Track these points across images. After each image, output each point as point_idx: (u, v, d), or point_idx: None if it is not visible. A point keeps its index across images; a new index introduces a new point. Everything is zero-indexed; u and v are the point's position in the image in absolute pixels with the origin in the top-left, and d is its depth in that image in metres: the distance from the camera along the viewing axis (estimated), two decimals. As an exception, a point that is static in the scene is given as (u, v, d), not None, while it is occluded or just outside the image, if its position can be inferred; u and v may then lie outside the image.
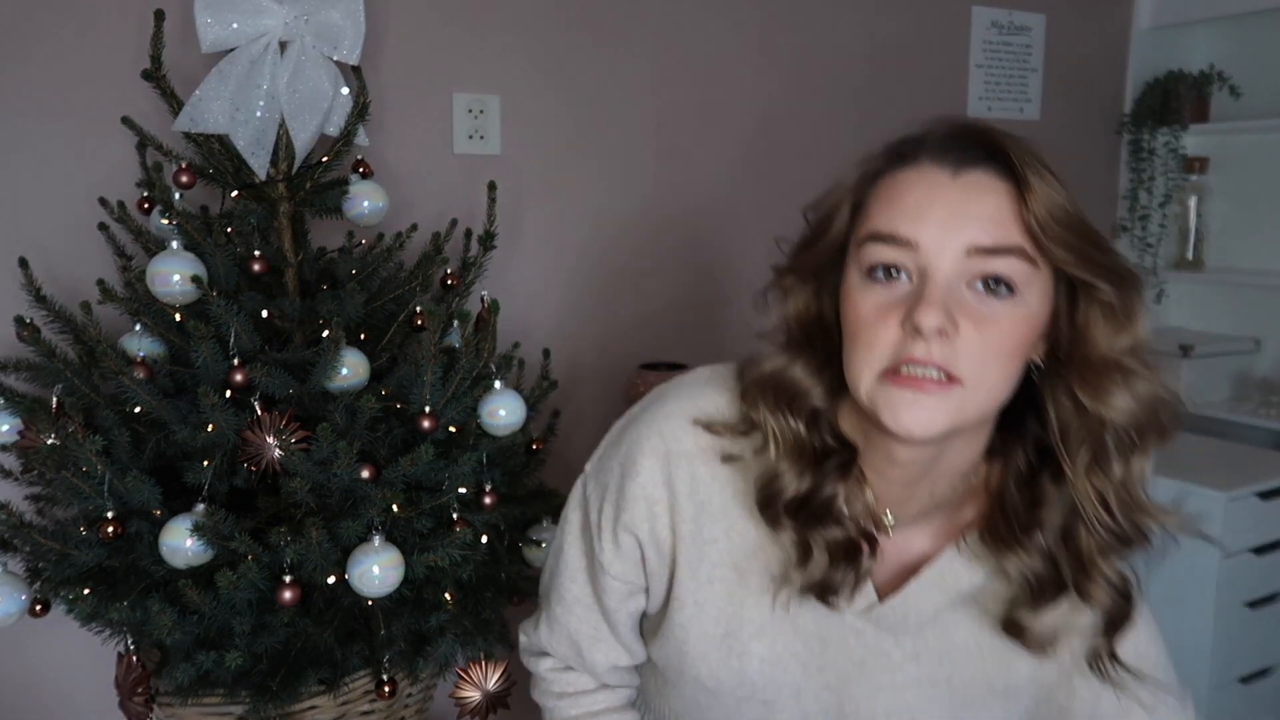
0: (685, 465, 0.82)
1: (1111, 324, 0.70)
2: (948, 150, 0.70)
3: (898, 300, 0.69)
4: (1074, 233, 0.69)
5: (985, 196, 0.69)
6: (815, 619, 0.82)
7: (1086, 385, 0.71)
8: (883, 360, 0.69)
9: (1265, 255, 2.44)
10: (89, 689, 1.43)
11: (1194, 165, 2.44)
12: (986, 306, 0.69)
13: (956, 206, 0.69)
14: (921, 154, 0.71)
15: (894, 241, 0.69)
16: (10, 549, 1.18)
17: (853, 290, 0.72)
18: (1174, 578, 2.06)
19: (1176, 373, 2.38)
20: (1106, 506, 0.73)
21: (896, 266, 0.70)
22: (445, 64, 1.61)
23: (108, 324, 1.24)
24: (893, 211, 0.70)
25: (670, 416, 0.84)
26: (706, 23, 1.83)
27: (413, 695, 1.33)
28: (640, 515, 0.83)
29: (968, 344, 0.68)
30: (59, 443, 1.07)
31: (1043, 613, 0.77)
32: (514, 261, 1.69)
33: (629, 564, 0.86)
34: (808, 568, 0.78)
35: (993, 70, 2.25)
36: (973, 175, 0.69)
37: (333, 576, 1.12)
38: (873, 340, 0.70)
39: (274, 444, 1.11)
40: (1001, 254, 0.68)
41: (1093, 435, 0.72)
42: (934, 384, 0.68)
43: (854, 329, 0.72)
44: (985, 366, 0.69)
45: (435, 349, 1.17)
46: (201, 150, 1.29)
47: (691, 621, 0.84)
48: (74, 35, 1.35)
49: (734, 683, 0.85)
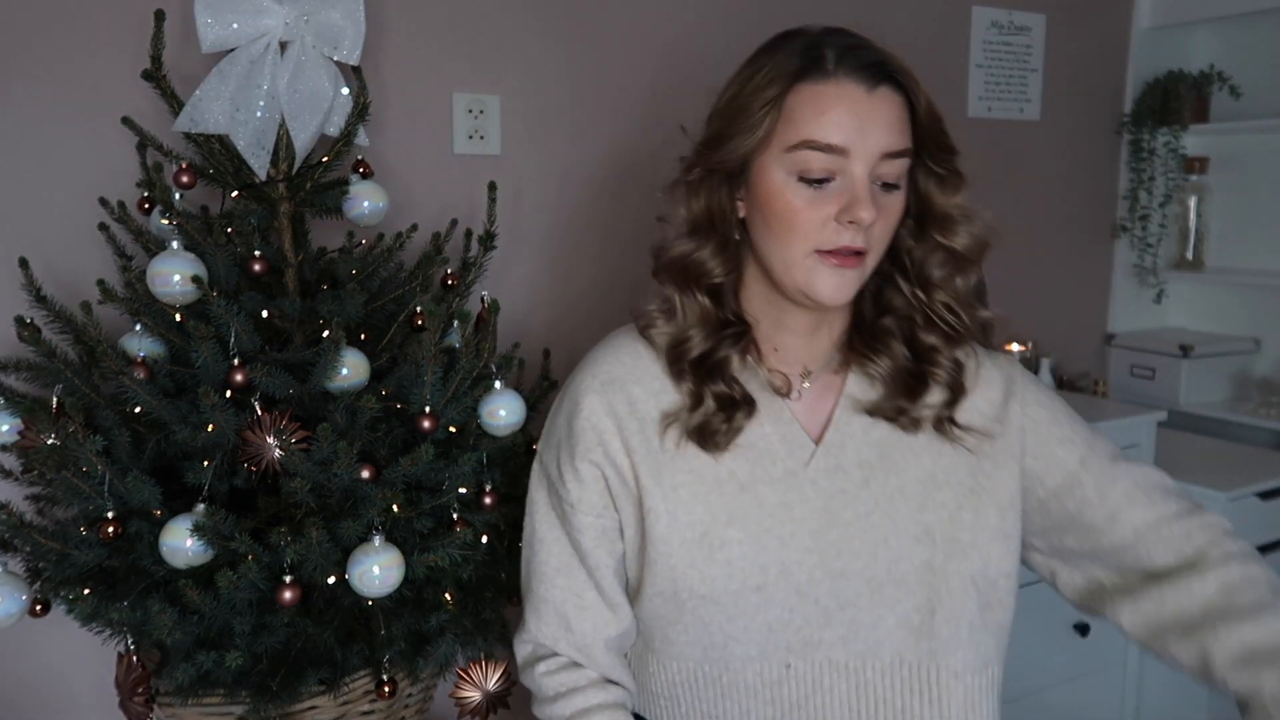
0: (620, 390, 0.96)
1: (946, 187, 0.92)
2: (863, 69, 0.86)
3: (828, 196, 0.86)
4: (935, 127, 0.89)
5: (891, 109, 0.86)
6: (774, 491, 0.94)
7: (936, 228, 0.93)
8: (815, 244, 0.87)
9: (1265, 255, 2.44)
10: (89, 689, 1.43)
11: (1194, 165, 2.44)
12: (884, 198, 0.88)
13: (873, 119, 0.85)
14: (840, 71, 0.86)
15: (830, 151, 0.85)
16: (10, 549, 1.18)
17: (782, 186, 0.87)
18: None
19: (1177, 375, 2.39)
20: (951, 310, 0.95)
21: (831, 174, 0.86)
22: (445, 64, 1.62)
23: (108, 324, 1.24)
24: (824, 122, 0.85)
25: (596, 360, 0.99)
26: (707, 23, 1.84)
27: (413, 695, 1.33)
28: (591, 442, 0.95)
29: (875, 228, 0.87)
30: (59, 443, 1.07)
31: (919, 403, 0.96)
32: (514, 261, 1.69)
33: (595, 492, 0.96)
34: (695, 414, 0.93)
35: (993, 70, 2.25)
36: (882, 90, 0.86)
37: (333, 576, 1.12)
38: (808, 230, 0.87)
39: (274, 444, 1.11)
40: (898, 156, 0.87)
41: (944, 262, 0.94)
42: (853, 260, 0.88)
43: (787, 218, 0.87)
44: (882, 241, 0.90)
45: (435, 349, 1.17)
46: (202, 150, 1.29)
47: (670, 531, 0.93)
48: (74, 35, 1.35)
49: (725, 578, 0.92)
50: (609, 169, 1.79)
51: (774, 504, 0.94)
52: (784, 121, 0.87)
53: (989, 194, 0.96)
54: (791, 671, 0.94)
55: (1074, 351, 2.51)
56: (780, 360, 0.98)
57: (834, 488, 0.95)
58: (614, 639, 0.99)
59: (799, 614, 0.93)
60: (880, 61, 0.86)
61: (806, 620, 0.93)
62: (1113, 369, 2.55)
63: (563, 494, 0.97)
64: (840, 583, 0.93)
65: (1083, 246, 2.50)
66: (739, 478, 0.94)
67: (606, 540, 0.97)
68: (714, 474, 0.94)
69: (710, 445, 0.93)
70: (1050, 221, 2.42)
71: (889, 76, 0.86)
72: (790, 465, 0.95)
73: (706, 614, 0.93)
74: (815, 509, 0.94)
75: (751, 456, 0.95)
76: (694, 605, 0.93)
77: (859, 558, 0.93)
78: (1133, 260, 2.51)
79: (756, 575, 0.92)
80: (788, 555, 0.92)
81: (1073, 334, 2.51)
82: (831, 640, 0.94)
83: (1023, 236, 2.37)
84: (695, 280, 0.94)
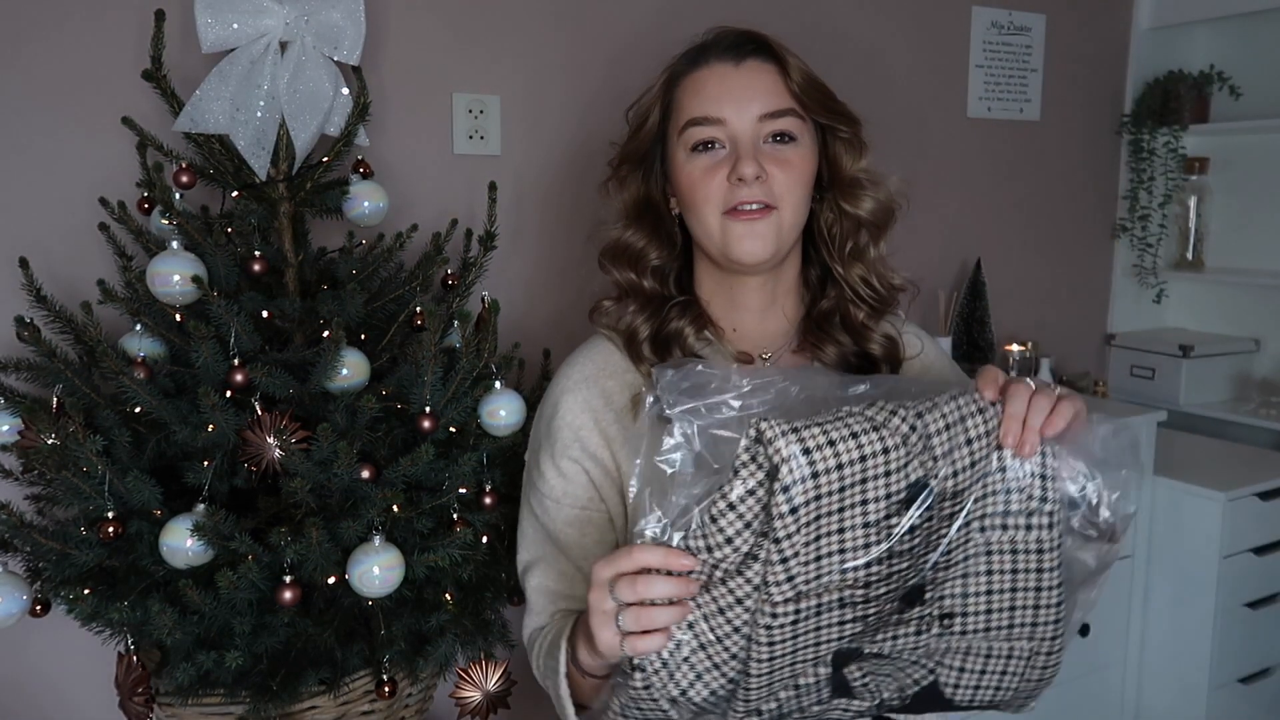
0: (594, 385, 1.00)
1: (851, 152, 1.00)
2: (729, 48, 0.97)
3: (719, 162, 0.95)
4: (818, 92, 0.97)
5: (762, 77, 0.96)
6: None
7: (844, 195, 1.00)
8: (720, 205, 0.95)
9: (1265, 255, 2.44)
10: (89, 689, 1.43)
11: (1194, 165, 2.44)
12: (780, 152, 0.95)
13: (744, 87, 0.95)
14: (710, 56, 0.97)
15: (707, 122, 0.95)
16: (10, 549, 1.18)
17: (683, 164, 0.97)
18: (1174, 578, 2.07)
19: (1177, 375, 2.39)
20: (868, 283, 1.02)
21: (713, 140, 0.95)
22: (445, 64, 1.61)
23: (108, 324, 1.24)
24: (700, 100, 0.96)
25: (570, 363, 1.04)
26: (707, 23, 1.83)
27: (413, 695, 1.33)
28: (569, 440, 0.99)
29: (775, 180, 0.94)
30: (59, 443, 1.07)
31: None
32: (514, 261, 1.69)
33: (580, 485, 0.99)
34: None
35: (993, 70, 2.25)
36: (750, 62, 0.96)
37: (333, 576, 1.12)
38: (709, 193, 0.95)
39: (274, 444, 1.11)
40: (780, 115, 0.95)
41: (853, 232, 1.01)
42: (760, 213, 0.94)
43: (691, 189, 0.96)
44: (791, 190, 0.95)
45: (435, 349, 1.17)
46: (202, 150, 1.29)
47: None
48: (74, 35, 1.35)
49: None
50: (609, 169, 1.78)
51: None
52: (675, 110, 0.98)
53: (989, 194, 0.96)
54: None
55: (1074, 351, 2.51)
56: (739, 340, 1.04)
57: None
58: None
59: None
60: (747, 38, 0.97)
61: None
62: (1113, 369, 2.55)
63: (544, 490, 1.01)
64: None
65: (1083, 246, 2.50)
66: None
67: (595, 530, 1.00)
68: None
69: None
70: (1050, 221, 2.42)
71: (756, 50, 0.96)
72: None
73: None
74: None
75: None
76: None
77: None
78: (1133, 260, 2.51)
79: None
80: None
81: (1073, 334, 2.51)
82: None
83: (1022, 237, 2.37)
84: (635, 263, 1.02)
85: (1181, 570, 2.04)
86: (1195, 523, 2.01)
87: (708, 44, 0.99)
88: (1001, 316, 2.29)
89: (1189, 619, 2.03)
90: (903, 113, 2.10)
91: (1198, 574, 2.01)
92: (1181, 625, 2.05)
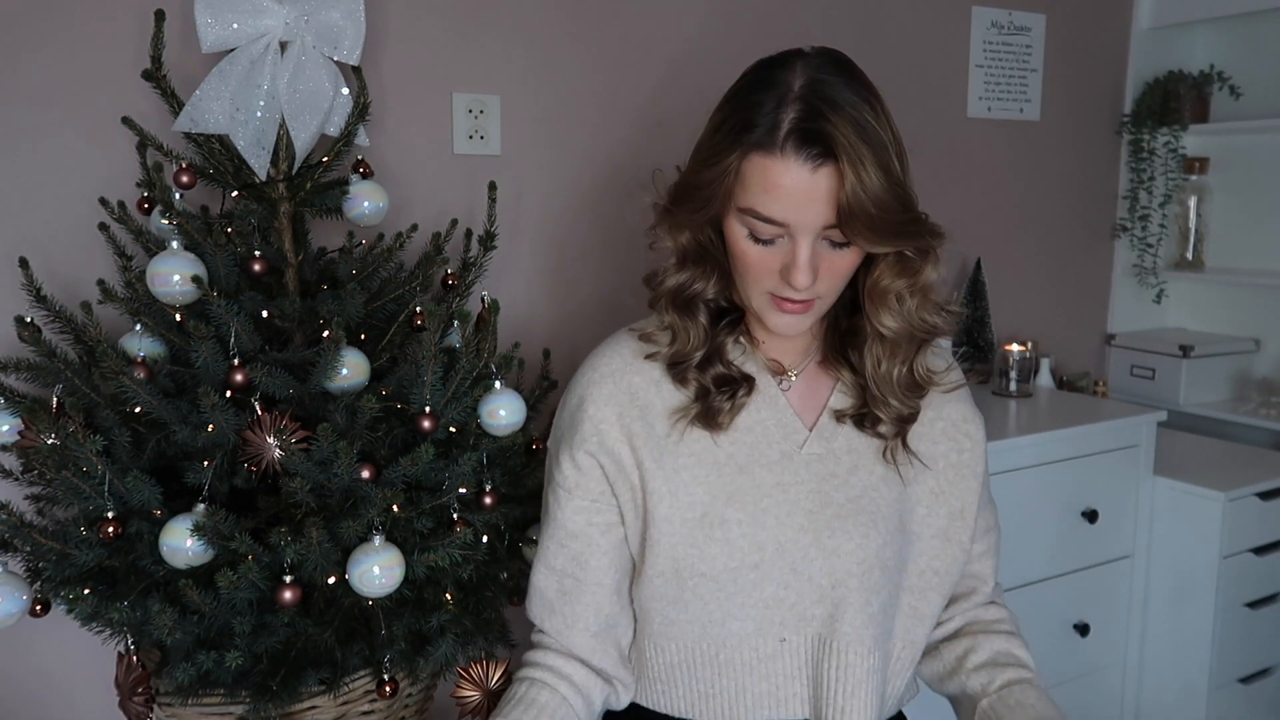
0: (620, 380, 1.02)
1: (896, 269, 0.97)
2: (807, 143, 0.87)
3: (775, 253, 0.93)
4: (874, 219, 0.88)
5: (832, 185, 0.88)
6: (770, 473, 1.01)
7: (869, 302, 0.99)
8: (767, 288, 0.95)
9: (1265, 255, 2.44)
10: (89, 689, 1.43)
11: (1194, 165, 2.44)
12: (832, 255, 0.93)
13: (813, 195, 0.88)
14: (787, 147, 0.88)
15: (771, 222, 0.91)
16: (10, 549, 1.18)
17: (739, 239, 0.94)
18: (1174, 578, 2.07)
19: (1177, 375, 2.39)
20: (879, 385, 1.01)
21: (773, 234, 0.92)
22: (445, 64, 1.61)
23: (108, 324, 1.24)
24: (769, 198, 0.90)
25: (597, 355, 1.06)
26: (707, 23, 1.84)
27: (413, 695, 1.33)
28: (589, 433, 1.00)
29: (821, 281, 0.93)
30: (59, 443, 1.07)
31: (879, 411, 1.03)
32: (514, 261, 1.69)
33: (593, 480, 1.01)
34: (701, 403, 1.01)
35: (993, 70, 2.25)
36: (823, 169, 0.88)
37: (333, 576, 1.12)
38: (759, 277, 0.95)
39: (274, 444, 1.11)
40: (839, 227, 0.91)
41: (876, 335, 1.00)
42: (802, 306, 0.95)
43: (743, 265, 0.95)
44: (833, 289, 0.96)
45: (435, 349, 1.17)
46: (202, 150, 1.29)
47: (672, 511, 0.99)
48: (74, 35, 1.35)
49: (724, 556, 0.98)
50: (609, 169, 1.79)
51: (770, 484, 1.00)
52: (739, 184, 0.92)
53: (989, 194, 0.97)
54: (786, 646, 1.01)
55: (1074, 351, 2.51)
56: (769, 350, 1.06)
57: (825, 470, 1.02)
58: (599, 623, 1.04)
59: (793, 590, 0.99)
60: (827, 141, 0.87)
61: (800, 596, 0.99)
62: (1113, 369, 2.55)
63: (559, 480, 1.03)
64: (833, 561, 0.99)
65: (1083, 246, 2.50)
66: (737, 460, 1.01)
67: (600, 525, 1.03)
68: (713, 457, 1.00)
69: (713, 425, 1.00)
70: (1050, 221, 2.42)
71: (834, 159, 0.87)
72: (785, 448, 1.02)
73: (706, 591, 0.99)
74: (809, 490, 1.01)
75: (749, 440, 1.01)
76: (694, 583, 0.98)
77: (851, 538, 0.99)
78: (1133, 260, 2.51)
79: (754, 553, 0.98)
80: (783, 534, 0.99)
81: (1073, 334, 2.51)
82: (822, 616, 1.00)
83: (1022, 236, 2.37)
84: (693, 304, 1.02)
85: (1181, 570, 2.04)
86: (1195, 523, 2.00)
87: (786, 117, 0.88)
88: (1001, 316, 2.29)
89: (1189, 619, 2.03)
90: (903, 112, 2.09)
91: (1198, 574, 2.01)
92: (1181, 625, 2.05)
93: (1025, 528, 1.87)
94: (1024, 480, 1.86)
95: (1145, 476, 2.04)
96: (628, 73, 1.78)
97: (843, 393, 1.06)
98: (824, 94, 0.88)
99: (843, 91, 0.89)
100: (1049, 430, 1.89)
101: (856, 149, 0.86)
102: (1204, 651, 2.02)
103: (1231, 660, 2.06)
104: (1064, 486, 1.92)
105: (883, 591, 1.01)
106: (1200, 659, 2.02)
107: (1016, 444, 1.84)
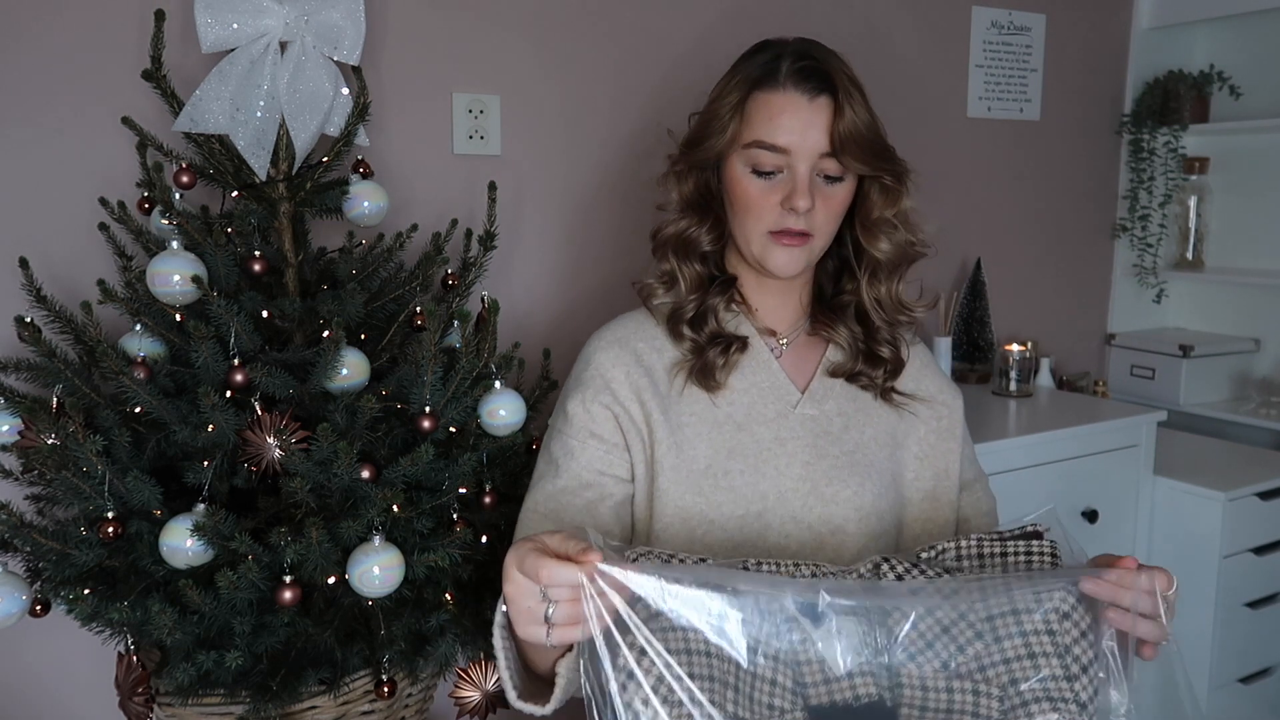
0: (626, 346, 1.09)
1: (884, 196, 1.07)
2: (805, 78, 1.01)
3: (775, 186, 1.03)
4: (865, 143, 1.02)
5: (828, 116, 1.01)
6: (768, 429, 1.07)
7: (865, 233, 1.09)
8: (767, 225, 1.04)
9: (1265, 255, 2.44)
10: (89, 689, 1.43)
11: (1194, 165, 2.44)
12: (827, 189, 1.04)
13: (812, 123, 1.01)
14: (787, 81, 1.02)
15: (775, 150, 1.01)
16: (10, 549, 1.18)
17: (741, 177, 1.04)
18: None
19: (1177, 375, 2.39)
20: (880, 306, 1.11)
21: (775, 165, 1.02)
22: (445, 64, 1.61)
23: (108, 324, 1.24)
24: (771, 126, 1.01)
25: (605, 327, 1.13)
26: (707, 23, 1.84)
27: (413, 695, 1.33)
28: (600, 387, 1.06)
29: (818, 213, 1.03)
30: (59, 443, 1.07)
31: (877, 370, 1.12)
32: (514, 261, 1.69)
33: (608, 426, 1.06)
34: (696, 359, 1.07)
35: (993, 70, 2.25)
36: (819, 100, 1.01)
37: (333, 576, 1.12)
38: (760, 214, 1.04)
39: (274, 444, 1.11)
40: (834, 155, 1.02)
41: (870, 263, 1.10)
42: (799, 239, 1.04)
43: (744, 204, 1.05)
44: (828, 223, 1.06)
45: (435, 349, 1.17)
46: (202, 150, 1.29)
47: (679, 461, 1.04)
48: (74, 35, 1.35)
49: (730, 504, 1.03)
50: (609, 169, 1.79)
51: (769, 439, 1.06)
52: (744, 123, 1.03)
53: (989, 194, 0.97)
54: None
55: (1074, 351, 2.51)
56: (763, 317, 1.13)
57: (819, 429, 1.09)
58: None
59: (794, 540, 1.04)
60: (825, 75, 1.01)
61: (802, 545, 1.04)
62: (1113, 369, 2.55)
63: (567, 431, 1.07)
64: (831, 508, 1.05)
65: (1083, 246, 2.50)
66: (735, 419, 1.07)
67: (612, 477, 1.05)
68: (713, 416, 1.07)
69: (710, 382, 1.06)
70: (1050, 221, 2.42)
71: (829, 89, 1.01)
72: (780, 407, 1.08)
73: (713, 541, 1.03)
74: (805, 444, 1.07)
75: (745, 401, 1.08)
76: (703, 532, 1.03)
77: (848, 485, 1.06)
78: (1133, 260, 2.51)
79: (757, 501, 1.04)
80: (783, 483, 1.05)
81: (1073, 334, 2.51)
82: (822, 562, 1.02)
83: (1023, 236, 2.37)
84: (690, 250, 1.10)
85: (1181, 570, 2.03)
86: (1195, 523, 2.00)
87: (787, 65, 1.03)
88: (1001, 316, 2.29)
89: (1189, 619, 2.03)
90: (903, 112, 2.10)
91: (1198, 574, 2.01)
92: (1181, 625, 2.05)
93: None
94: (1024, 480, 1.86)
95: (1145, 476, 2.04)
96: (628, 73, 1.78)
97: (835, 352, 1.13)
98: (816, 48, 1.05)
99: (830, 54, 1.05)
100: (1049, 430, 1.89)
101: (848, 87, 1.01)
102: (1204, 651, 2.01)
103: (1232, 660, 2.06)
104: (1064, 486, 1.92)
105: (880, 540, 1.06)
106: (1200, 659, 2.02)
107: (1016, 444, 1.84)
